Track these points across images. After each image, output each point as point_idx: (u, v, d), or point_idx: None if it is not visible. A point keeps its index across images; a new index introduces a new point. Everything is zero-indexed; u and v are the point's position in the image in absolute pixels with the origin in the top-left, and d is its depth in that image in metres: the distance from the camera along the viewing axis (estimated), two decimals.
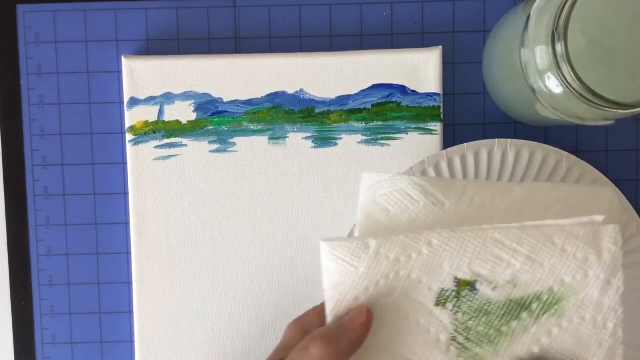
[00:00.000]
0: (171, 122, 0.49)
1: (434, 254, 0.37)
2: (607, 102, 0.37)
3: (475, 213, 0.38)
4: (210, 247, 0.49)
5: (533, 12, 0.39)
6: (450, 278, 0.37)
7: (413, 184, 0.39)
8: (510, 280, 0.37)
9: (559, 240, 0.37)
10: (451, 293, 0.38)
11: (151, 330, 0.49)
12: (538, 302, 0.37)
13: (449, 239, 0.37)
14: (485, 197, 0.39)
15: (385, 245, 0.37)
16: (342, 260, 0.37)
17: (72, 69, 0.50)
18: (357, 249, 0.37)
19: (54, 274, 0.51)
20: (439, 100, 0.48)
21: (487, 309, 0.37)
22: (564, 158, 0.45)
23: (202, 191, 0.49)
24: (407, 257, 0.37)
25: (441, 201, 0.38)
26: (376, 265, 0.37)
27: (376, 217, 0.39)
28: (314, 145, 0.49)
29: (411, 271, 0.37)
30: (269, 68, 0.48)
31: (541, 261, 0.37)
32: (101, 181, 0.50)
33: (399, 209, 0.39)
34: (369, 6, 0.50)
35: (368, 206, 0.39)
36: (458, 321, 0.38)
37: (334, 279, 0.38)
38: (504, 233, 0.37)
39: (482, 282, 0.37)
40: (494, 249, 0.37)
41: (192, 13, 0.50)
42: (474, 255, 0.37)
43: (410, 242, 0.37)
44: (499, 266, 0.37)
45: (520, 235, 0.37)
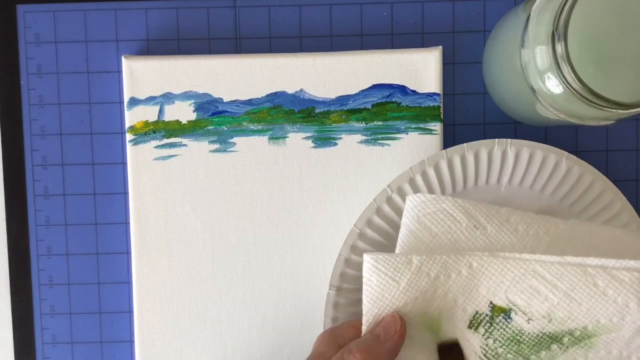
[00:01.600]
0: (171, 122, 0.49)
1: (472, 276, 0.37)
2: (607, 102, 0.37)
3: (517, 241, 0.39)
4: (210, 247, 0.49)
5: (533, 12, 0.39)
6: (485, 302, 0.38)
7: (457, 206, 0.39)
8: (546, 315, 0.37)
9: (601, 282, 0.37)
10: (484, 317, 0.38)
11: (151, 330, 0.49)
12: (570, 336, 0.38)
13: (489, 263, 0.37)
14: (529, 227, 0.39)
15: (427, 262, 0.37)
16: (384, 274, 0.38)
17: (72, 69, 0.50)
18: (400, 265, 0.37)
19: (54, 274, 0.51)
20: (439, 100, 0.48)
21: (519, 339, 0.38)
22: (564, 158, 0.45)
23: (202, 191, 0.49)
24: (447, 276, 0.37)
25: (484, 225, 0.39)
26: (417, 282, 0.38)
27: (418, 235, 0.39)
28: (314, 145, 0.49)
29: (448, 290, 0.38)
30: (269, 68, 0.48)
31: (580, 300, 0.37)
32: (101, 181, 0.50)
33: (442, 229, 0.39)
34: (369, 6, 0.50)
35: (411, 224, 0.39)
36: (488, 346, 0.38)
37: (374, 292, 0.38)
38: (545, 266, 0.37)
39: (516, 312, 0.38)
40: (533, 281, 0.37)
41: (192, 13, 0.50)
42: (511, 284, 0.37)
43: (452, 262, 0.37)
44: (536, 298, 0.37)
45: (562, 271, 0.37)
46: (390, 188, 0.45)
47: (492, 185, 0.46)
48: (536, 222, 0.39)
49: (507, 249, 0.38)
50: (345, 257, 0.45)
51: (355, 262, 0.46)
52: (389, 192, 0.45)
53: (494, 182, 0.46)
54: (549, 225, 0.39)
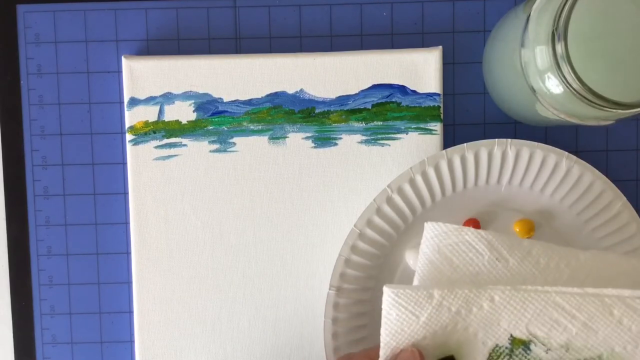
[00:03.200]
0: (171, 122, 0.49)
1: (494, 310, 0.37)
2: (607, 102, 0.37)
3: (539, 274, 0.39)
4: (210, 247, 0.49)
5: (533, 12, 0.39)
6: (505, 335, 0.38)
7: (479, 238, 0.39)
8: (564, 345, 0.38)
9: (617, 311, 0.37)
10: (504, 350, 0.38)
11: (151, 330, 0.49)
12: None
13: (511, 297, 0.37)
14: (550, 259, 0.39)
15: (448, 297, 0.37)
16: (404, 308, 0.37)
17: (72, 69, 0.50)
18: (420, 299, 0.37)
19: (54, 274, 0.51)
20: (438, 100, 0.48)
21: None
22: (564, 158, 0.45)
23: (202, 191, 0.49)
24: (468, 310, 0.37)
25: (506, 258, 0.39)
26: (437, 316, 0.37)
27: (439, 267, 0.39)
28: (314, 145, 0.49)
29: (469, 325, 0.38)
30: (269, 68, 0.48)
31: (596, 329, 0.37)
32: (101, 181, 0.50)
33: (463, 260, 0.39)
34: (369, 6, 0.50)
35: (431, 255, 0.39)
36: None
37: (393, 327, 0.38)
38: (565, 298, 0.37)
39: (536, 343, 0.38)
40: (553, 312, 0.37)
41: (192, 13, 0.50)
42: (532, 316, 0.37)
43: (473, 297, 0.37)
44: (556, 329, 0.37)
45: (581, 302, 0.37)
46: (390, 188, 0.45)
47: (492, 185, 0.46)
48: (557, 254, 0.39)
49: (529, 281, 0.38)
50: (345, 257, 0.45)
51: (355, 262, 0.46)
52: (389, 192, 0.45)
53: (494, 182, 0.46)
54: (570, 257, 0.39)
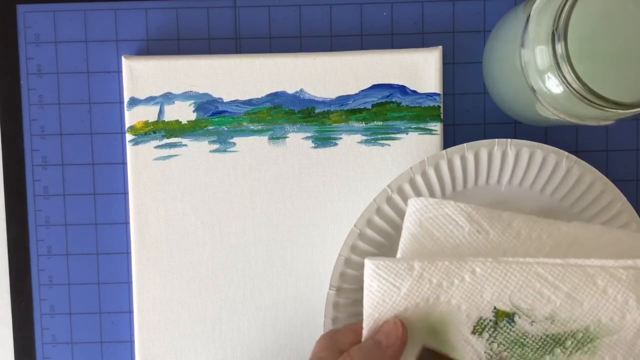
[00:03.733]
0: (171, 122, 0.49)
1: (476, 283, 0.37)
2: (607, 102, 0.37)
3: (520, 246, 0.39)
4: (210, 247, 0.49)
5: (533, 12, 0.39)
6: (489, 308, 0.38)
7: (459, 210, 0.39)
8: (549, 316, 0.38)
9: (601, 281, 0.37)
10: (488, 323, 0.38)
11: (151, 330, 0.49)
12: (573, 339, 0.38)
13: (493, 269, 0.37)
14: (532, 231, 0.39)
15: (429, 269, 0.37)
16: (385, 280, 0.38)
17: (72, 69, 0.50)
18: (401, 270, 0.37)
19: (54, 274, 0.51)
20: (438, 100, 0.48)
21: (523, 342, 0.38)
22: (564, 158, 0.45)
23: (202, 191, 0.49)
24: (450, 282, 0.37)
25: (486, 230, 0.39)
26: (418, 288, 0.38)
27: (420, 240, 0.39)
28: (314, 145, 0.49)
29: (451, 297, 0.38)
30: (269, 68, 0.48)
31: (581, 300, 0.37)
32: (101, 181, 0.50)
33: (444, 233, 0.39)
34: (369, 6, 0.50)
35: (413, 229, 0.39)
36: (493, 351, 0.38)
37: (375, 298, 0.38)
38: (547, 268, 0.37)
39: (520, 315, 0.38)
40: (536, 284, 0.37)
41: (192, 13, 0.50)
42: (515, 288, 0.37)
43: (454, 269, 0.37)
44: (539, 301, 0.37)
45: (563, 273, 0.37)
46: (390, 188, 0.45)
47: (492, 186, 0.46)
48: (539, 226, 0.39)
49: (510, 253, 0.39)
50: (345, 257, 0.45)
51: (355, 262, 0.45)
52: (389, 192, 0.45)
53: (494, 182, 0.46)
54: (552, 228, 0.39)
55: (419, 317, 0.38)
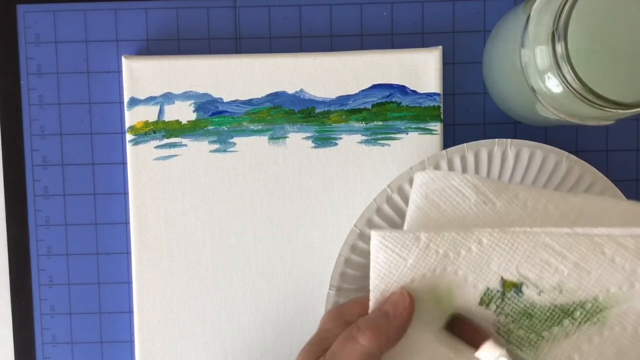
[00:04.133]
0: (171, 122, 0.49)
1: (482, 253, 0.37)
2: (607, 102, 0.37)
3: (527, 217, 0.38)
4: (210, 247, 0.49)
5: (533, 12, 0.39)
6: (496, 278, 0.37)
7: (465, 181, 0.38)
8: (557, 286, 0.37)
9: (609, 250, 0.37)
10: (496, 293, 0.38)
11: (151, 330, 0.49)
12: (581, 309, 0.37)
13: (499, 239, 0.37)
14: (538, 202, 0.38)
15: (435, 239, 0.37)
16: (391, 250, 0.37)
17: (72, 69, 0.50)
18: (407, 241, 0.37)
19: (54, 274, 0.51)
20: (439, 100, 0.48)
21: (531, 313, 0.38)
22: (564, 158, 0.45)
23: (202, 191, 0.49)
24: (456, 253, 0.37)
25: (492, 201, 0.38)
26: (425, 259, 0.37)
27: (426, 212, 0.39)
28: (314, 145, 0.49)
29: (458, 268, 0.37)
30: (269, 68, 0.48)
31: (589, 269, 0.37)
32: (101, 181, 0.50)
33: (450, 205, 0.38)
34: (369, 6, 0.50)
35: (419, 201, 0.39)
36: (500, 322, 0.38)
37: (381, 269, 0.38)
38: (554, 238, 0.37)
39: (528, 286, 0.37)
40: (543, 253, 0.37)
41: (192, 13, 0.50)
42: (522, 258, 0.37)
43: (461, 239, 0.37)
44: (547, 271, 0.37)
45: (571, 242, 0.37)
46: (390, 188, 0.45)
47: None
48: (545, 197, 0.39)
49: (517, 224, 0.38)
50: (345, 257, 0.45)
51: (355, 262, 0.45)
52: (389, 192, 0.45)
53: None
54: (559, 199, 0.39)
55: (426, 289, 0.38)
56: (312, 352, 0.38)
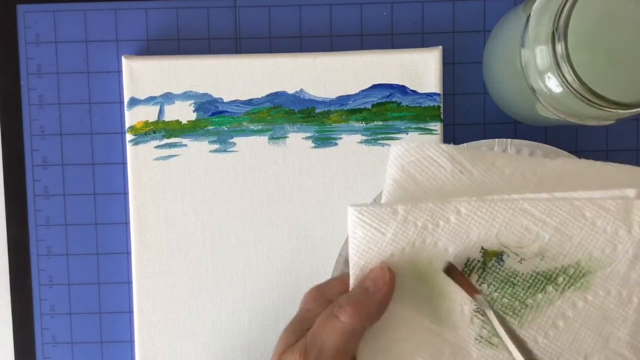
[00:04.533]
0: (171, 122, 0.49)
1: (461, 223, 0.37)
2: (607, 102, 0.37)
3: (504, 184, 0.38)
4: (210, 247, 0.49)
5: (533, 12, 0.39)
6: (477, 248, 0.37)
7: (441, 151, 0.38)
8: (538, 253, 0.37)
9: (589, 213, 0.36)
10: (477, 263, 0.37)
11: (151, 330, 0.49)
12: (564, 275, 0.37)
13: (478, 208, 0.37)
14: (515, 169, 0.38)
15: (413, 211, 0.37)
16: (369, 225, 0.37)
17: (72, 69, 0.50)
18: (385, 215, 0.37)
19: (54, 274, 0.51)
20: (439, 100, 0.48)
21: (513, 281, 0.37)
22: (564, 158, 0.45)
23: (202, 191, 0.49)
24: (435, 224, 0.37)
25: (469, 170, 0.38)
26: (403, 232, 0.37)
27: (403, 185, 0.38)
28: (314, 145, 0.49)
29: (438, 239, 0.37)
30: (269, 68, 0.48)
31: (570, 234, 0.36)
32: (101, 181, 0.50)
33: (426, 176, 0.38)
34: (369, 6, 0.50)
35: (395, 174, 0.38)
36: (483, 292, 0.37)
37: (360, 245, 0.37)
38: (533, 204, 0.36)
39: (509, 254, 0.37)
40: (522, 220, 0.36)
41: (192, 13, 0.50)
42: (502, 226, 0.37)
43: (439, 210, 0.37)
44: (527, 237, 0.37)
45: (550, 207, 0.36)
46: None
47: None
48: (522, 164, 0.38)
49: (494, 192, 0.38)
50: (345, 257, 0.45)
51: None
52: None
53: None
54: (536, 165, 0.38)
55: (406, 262, 0.37)
56: (294, 332, 0.38)
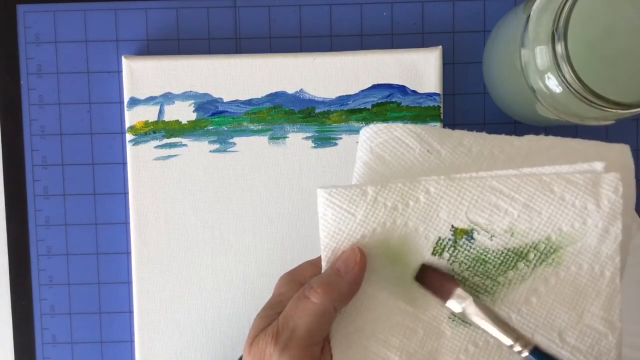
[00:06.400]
0: (171, 122, 0.49)
1: (431, 202, 0.37)
2: (607, 102, 0.37)
3: (473, 162, 0.38)
4: (210, 247, 0.49)
5: (533, 12, 0.39)
6: (447, 227, 0.37)
7: (408, 132, 0.38)
8: (508, 229, 0.37)
9: (557, 188, 0.36)
10: (448, 242, 0.37)
11: (151, 330, 0.49)
12: (535, 251, 0.37)
13: (447, 186, 0.37)
14: (483, 147, 0.38)
15: (382, 192, 0.37)
16: (339, 207, 0.37)
17: (72, 69, 0.50)
18: (354, 196, 0.37)
19: (54, 274, 0.51)
20: (439, 100, 0.48)
21: (484, 258, 0.37)
22: None
23: (202, 191, 0.49)
24: (405, 204, 0.37)
25: (437, 149, 0.38)
26: (373, 213, 0.37)
27: (372, 166, 0.38)
28: (314, 145, 0.49)
29: (408, 219, 0.37)
30: (269, 68, 0.48)
31: (539, 209, 0.36)
32: (101, 181, 0.50)
33: (395, 156, 0.38)
34: (369, 6, 0.50)
35: (364, 156, 0.39)
36: (455, 271, 0.37)
37: (330, 227, 0.37)
38: (502, 181, 0.36)
39: (479, 231, 0.37)
40: (491, 197, 0.36)
41: (192, 13, 0.50)
42: (471, 204, 0.37)
43: (408, 190, 0.37)
44: (497, 214, 0.37)
45: (519, 183, 0.36)
46: None
47: None
48: (490, 142, 0.38)
49: (463, 170, 0.38)
50: None
51: None
52: None
53: None
54: (504, 143, 0.38)
55: (378, 244, 0.37)
56: (266, 316, 0.38)
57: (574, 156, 0.38)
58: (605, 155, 0.38)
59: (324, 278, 0.37)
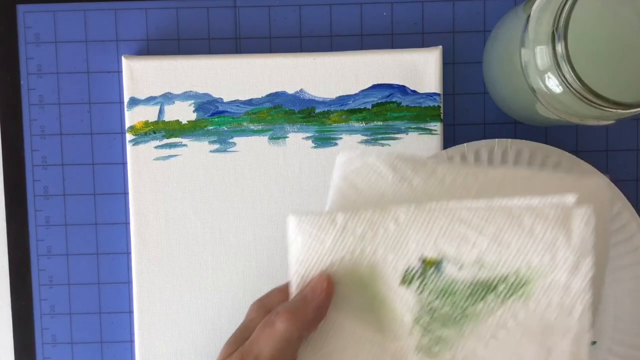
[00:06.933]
0: (171, 122, 0.49)
1: (400, 231, 0.36)
2: (607, 102, 0.37)
3: (445, 192, 0.37)
4: (210, 247, 0.49)
5: (533, 12, 0.39)
6: (416, 256, 0.36)
7: (381, 160, 0.38)
8: (477, 261, 0.36)
9: (527, 220, 0.35)
10: (417, 272, 0.37)
11: (151, 330, 0.49)
12: (504, 284, 0.36)
13: (416, 215, 0.36)
14: (457, 177, 0.38)
15: (352, 220, 0.36)
16: (308, 234, 0.37)
17: (72, 69, 0.50)
18: (324, 223, 0.37)
19: (54, 274, 0.51)
20: (439, 100, 0.48)
21: (453, 289, 0.36)
22: (564, 158, 0.45)
23: (202, 191, 0.49)
24: (374, 233, 0.36)
25: (410, 178, 0.38)
26: (342, 241, 0.37)
27: (345, 193, 0.38)
28: (314, 145, 0.49)
29: (377, 248, 0.37)
30: (269, 68, 0.48)
31: (508, 242, 0.36)
32: (101, 181, 0.50)
33: (367, 184, 0.38)
34: (369, 6, 0.50)
35: (338, 182, 0.38)
36: (423, 301, 0.37)
37: (299, 253, 0.37)
38: (471, 212, 0.36)
39: (448, 262, 0.36)
40: (460, 228, 0.36)
41: (192, 13, 0.50)
42: (440, 233, 0.36)
43: (378, 218, 0.36)
44: (465, 245, 0.36)
45: (488, 215, 0.36)
46: None
47: None
48: (464, 172, 0.38)
49: (434, 200, 0.37)
50: None
51: None
52: None
53: None
54: (478, 173, 0.38)
55: (347, 271, 0.37)
56: (234, 342, 0.38)
57: (549, 187, 0.37)
58: (580, 188, 0.37)
59: (290, 304, 0.37)
